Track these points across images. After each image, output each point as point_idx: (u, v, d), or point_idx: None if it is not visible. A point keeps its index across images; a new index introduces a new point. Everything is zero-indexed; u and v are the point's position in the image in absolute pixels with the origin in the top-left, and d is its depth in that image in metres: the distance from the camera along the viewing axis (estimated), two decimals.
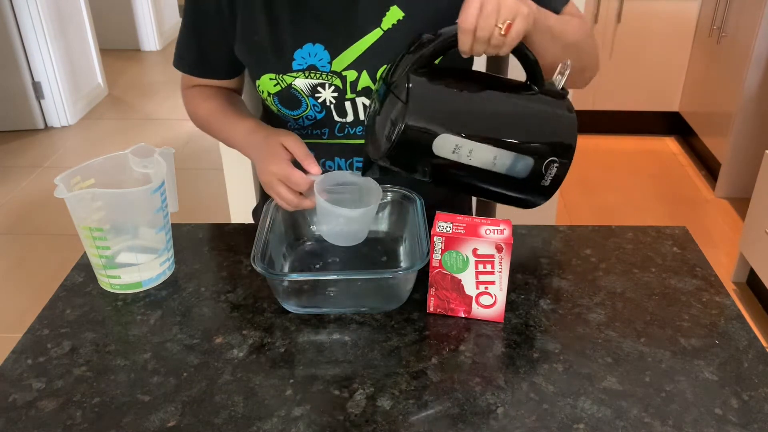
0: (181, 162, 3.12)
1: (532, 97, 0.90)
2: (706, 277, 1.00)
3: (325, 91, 1.03)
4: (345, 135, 1.08)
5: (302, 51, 1.01)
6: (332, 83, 1.02)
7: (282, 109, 1.06)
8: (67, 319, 0.93)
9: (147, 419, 0.77)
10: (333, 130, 1.07)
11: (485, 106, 0.89)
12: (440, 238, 0.87)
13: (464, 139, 0.85)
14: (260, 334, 0.90)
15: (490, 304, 0.90)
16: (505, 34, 0.81)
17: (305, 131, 1.09)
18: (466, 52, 0.84)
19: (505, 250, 0.86)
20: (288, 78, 1.02)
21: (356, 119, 1.06)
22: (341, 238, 0.99)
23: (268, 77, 1.03)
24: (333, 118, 1.06)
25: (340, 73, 1.02)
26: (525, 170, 0.88)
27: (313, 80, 1.02)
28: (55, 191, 0.90)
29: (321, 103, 1.04)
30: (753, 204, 2.29)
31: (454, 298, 0.91)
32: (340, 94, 1.03)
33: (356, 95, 1.03)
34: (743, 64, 2.77)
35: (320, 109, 1.05)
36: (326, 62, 1.01)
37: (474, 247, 0.86)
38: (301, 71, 1.02)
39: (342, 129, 1.07)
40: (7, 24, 3.46)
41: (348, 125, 1.06)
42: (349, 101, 1.04)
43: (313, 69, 1.02)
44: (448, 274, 0.89)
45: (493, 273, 0.88)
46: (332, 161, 1.10)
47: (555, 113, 0.91)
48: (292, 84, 1.03)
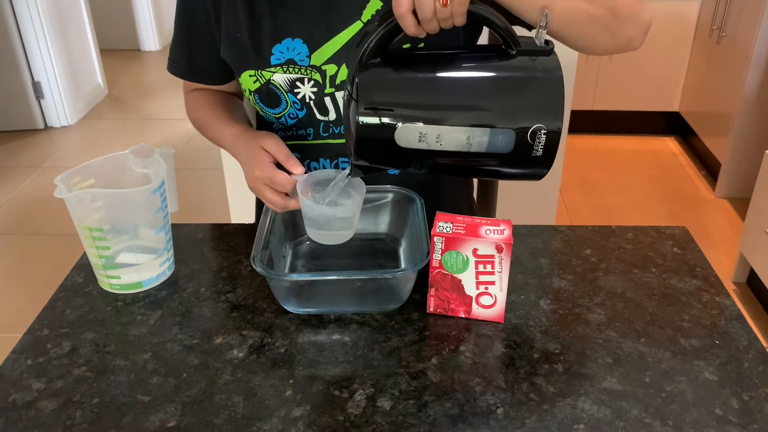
0: (181, 162, 3.13)
1: (504, 63, 0.82)
2: (707, 277, 1.00)
3: (304, 86, 1.02)
4: (330, 135, 1.07)
5: (281, 46, 1.01)
6: (311, 78, 1.02)
7: (263, 107, 1.06)
8: (67, 320, 0.93)
9: (147, 419, 0.77)
10: (317, 130, 1.07)
11: (444, 85, 0.82)
12: (440, 238, 0.87)
13: (426, 125, 0.80)
14: (260, 335, 0.90)
15: (490, 305, 0.90)
16: (445, 4, 0.76)
17: (290, 132, 1.09)
18: (415, 34, 0.79)
19: (505, 251, 0.86)
20: (266, 73, 1.02)
21: (339, 117, 1.05)
22: (326, 236, 0.97)
23: (248, 74, 1.03)
24: (315, 116, 1.05)
25: (320, 67, 1.01)
26: (508, 144, 0.81)
27: (292, 75, 1.01)
28: (55, 191, 0.90)
29: (300, 100, 1.03)
30: (753, 204, 2.29)
31: (454, 298, 0.91)
32: (320, 89, 1.02)
33: (335, 89, 1.02)
34: (743, 64, 2.77)
35: (300, 106, 1.04)
36: (305, 56, 1.01)
37: (474, 248, 0.86)
38: (279, 66, 1.01)
39: (326, 128, 1.06)
40: (7, 24, 3.46)
41: (332, 124, 1.06)
42: (328, 96, 1.03)
43: (292, 63, 1.01)
44: (448, 274, 0.89)
45: (493, 273, 0.88)
46: (317, 162, 1.10)
47: (531, 76, 0.82)
48: (271, 80, 1.02)
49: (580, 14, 0.85)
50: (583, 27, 0.86)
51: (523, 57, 0.82)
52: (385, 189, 1.06)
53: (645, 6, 0.89)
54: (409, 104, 0.81)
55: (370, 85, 0.80)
